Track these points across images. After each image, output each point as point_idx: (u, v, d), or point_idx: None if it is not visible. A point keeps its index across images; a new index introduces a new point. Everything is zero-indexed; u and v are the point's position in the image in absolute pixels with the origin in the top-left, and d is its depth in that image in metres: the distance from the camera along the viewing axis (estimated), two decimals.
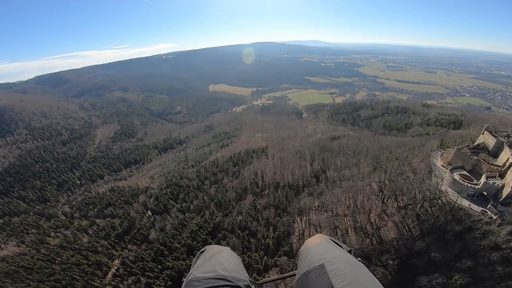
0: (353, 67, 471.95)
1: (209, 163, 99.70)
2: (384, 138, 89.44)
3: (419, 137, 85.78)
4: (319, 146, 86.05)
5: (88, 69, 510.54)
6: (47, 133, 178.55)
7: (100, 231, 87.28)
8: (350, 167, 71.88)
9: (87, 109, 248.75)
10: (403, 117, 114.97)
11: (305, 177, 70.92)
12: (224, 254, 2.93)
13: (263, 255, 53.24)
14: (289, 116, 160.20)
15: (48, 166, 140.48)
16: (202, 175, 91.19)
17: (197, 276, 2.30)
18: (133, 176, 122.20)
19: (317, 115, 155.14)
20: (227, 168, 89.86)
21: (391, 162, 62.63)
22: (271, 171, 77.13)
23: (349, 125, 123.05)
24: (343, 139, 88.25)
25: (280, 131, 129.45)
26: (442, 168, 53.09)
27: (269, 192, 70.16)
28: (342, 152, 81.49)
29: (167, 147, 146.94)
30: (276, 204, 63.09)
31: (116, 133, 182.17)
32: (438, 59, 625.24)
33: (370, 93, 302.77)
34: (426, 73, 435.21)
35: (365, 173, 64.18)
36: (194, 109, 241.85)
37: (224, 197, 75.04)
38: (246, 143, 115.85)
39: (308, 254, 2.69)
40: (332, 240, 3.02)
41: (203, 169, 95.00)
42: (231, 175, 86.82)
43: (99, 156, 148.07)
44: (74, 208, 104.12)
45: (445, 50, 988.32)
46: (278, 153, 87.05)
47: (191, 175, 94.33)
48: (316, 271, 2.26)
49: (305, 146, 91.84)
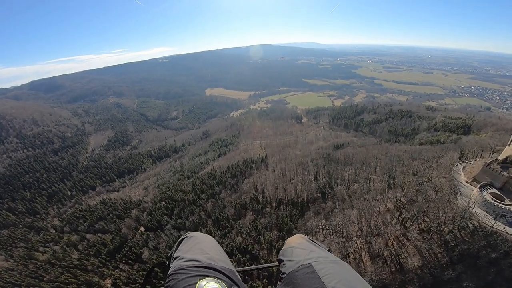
0: (350, 68, 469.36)
1: (206, 174, 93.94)
2: (393, 147, 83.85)
3: (431, 146, 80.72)
4: (322, 156, 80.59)
5: (82, 74, 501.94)
6: (38, 142, 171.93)
7: (91, 247, 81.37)
8: (359, 181, 66.47)
9: (80, 116, 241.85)
10: (408, 121, 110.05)
11: (309, 193, 65.17)
12: (207, 242, 2.83)
13: (266, 284, 47.62)
14: (288, 121, 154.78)
15: (39, 176, 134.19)
16: (198, 187, 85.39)
17: (182, 265, 2.24)
18: (126, 187, 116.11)
19: (317, 119, 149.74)
20: (224, 181, 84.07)
21: (407, 177, 57.13)
22: (273, 185, 71.35)
23: (352, 130, 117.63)
24: (349, 148, 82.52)
25: (280, 137, 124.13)
26: (466, 185, 47.84)
27: (271, 210, 64.34)
28: (348, 162, 76.22)
29: (162, 156, 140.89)
30: (279, 224, 57.34)
31: (109, 140, 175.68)
32: (433, 59, 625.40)
33: (369, 95, 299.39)
34: (422, 73, 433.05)
35: (378, 189, 58.71)
36: (191, 114, 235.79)
37: (222, 214, 69.22)
38: (244, 151, 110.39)
39: (293, 253, 2.71)
40: (312, 240, 3.05)
41: (199, 181, 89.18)
42: (229, 188, 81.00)
43: (91, 166, 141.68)
44: (64, 222, 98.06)
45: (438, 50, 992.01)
46: (279, 164, 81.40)
47: (187, 188, 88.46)
48: (304, 270, 2.29)
49: (308, 155, 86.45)
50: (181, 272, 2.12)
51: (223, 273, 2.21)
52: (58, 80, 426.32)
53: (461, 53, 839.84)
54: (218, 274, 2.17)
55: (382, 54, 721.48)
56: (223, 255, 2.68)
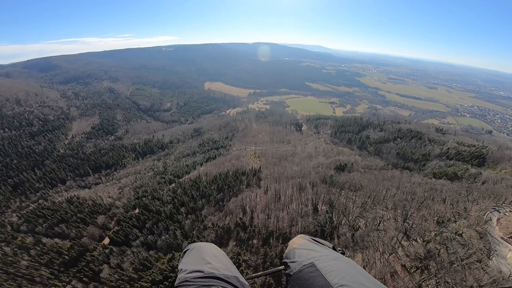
0: (355, 76, 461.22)
1: (190, 181, 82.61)
2: (405, 177, 73.62)
3: (449, 181, 70.97)
4: (324, 179, 70.14)
5: (81, 56, 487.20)
6: (17, 123, 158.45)
7: (44, 254, 69.56)
8: (366, 217, 56.32)
9: (69, 98, 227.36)
10: (418, 144, 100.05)
11: (307, 226, 54.35)
12: (209, 251, 2.83)
13: None
14: (287, 127, 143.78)
15: (8, 161, 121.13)
16: (179, 198, 74.19)
17: (186, 277, 2.25)
18: (100, 184, 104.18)
19: (318, 129, 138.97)
20: (209, 194, 72.93)
21: (427, 224, 47.12)
22: (264, 211, 60.66)
23: (356, 147, 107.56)
24: (355, 174, 71.44)
25: (277, 145, 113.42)
26: (502, 242, 38.04)
27: (259, 244, 53.60)
28: (353, 189, 66.04)
29: (147, 151, 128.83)
30: (266, 266, 46.74)
31: (93, 128, 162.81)
32: (438, 74, 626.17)
33: (371, 106, 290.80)
34: (427, 88, 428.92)
35: (388, 230, 48.66)
36: (185, 107, 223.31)
37: (201, 237, 58.43)
38: (236, 158, 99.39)
39: (295, 254, 2.69)
40: (313, 239, 3.02)
41: (180, 190, 77.91)
42: (213, 205, 69.99)
43: (67, 155, 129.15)
44: (22, 219, 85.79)
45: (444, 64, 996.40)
46: (274, 183, 70.65)
47: (166, 197, 77.13)
48: (307, 270, 2.27)
49: (306, 174, 75.79)
50: (185, 284, 2.14)
51: (226, 281, 2.23)
52: (54, 60, 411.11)
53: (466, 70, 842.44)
54: (221, 282, 2.19)
55: (388, 64, 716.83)
56: (226, 262, 2.67)
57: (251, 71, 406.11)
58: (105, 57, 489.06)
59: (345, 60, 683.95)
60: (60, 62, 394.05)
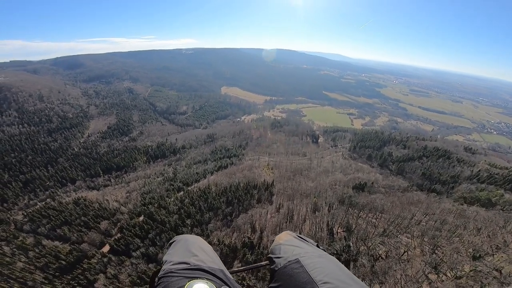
0: (375, 87, 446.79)
1: (198, 191, 78.93)
2: (434, 201, 66.65)
3: (483, 208, 63.44)
4: (341, 197, 64.36)
5: (107, 56, 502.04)
6: (37, 119, 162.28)
7: (42, 257, 67.41)
8: (387, 243, 50.10)
9: (90, 96, 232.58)
10: (446, 164, 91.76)
11: None
12: (196, 243, 2.80)
13: None
14: (302, 138, 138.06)
15: (23, 157, 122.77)
16: (185, 209, 70.49)
17: (171, 268, 2.18)
18: (109, 186, 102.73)
19: (335, 142, 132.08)
20: (217, 207, 68.76)
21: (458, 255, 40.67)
22: (274, 231, 55.52)
23: (377, 165, 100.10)
24: (377, 197, 65.14)
25: (291, 158, 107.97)
26: None
27: (266, 270, 49.02)
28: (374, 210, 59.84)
29: (159, 155, 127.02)
30: None
31: (109, 127, 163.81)
32: (463, 87, 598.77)
33: (392, 119, 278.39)
34: (451, 102, 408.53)
35: (416, 263, 42.39)
36: (200, 111, 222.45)
37: None
38: (248, 168, 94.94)
39: (281, 250, 2.72)
40: (299, 236, 3.06)
41: (188, 200, 74.26)
42: (221, 219, 65.71)
43: (81, 154, 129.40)
44: (27, 218, 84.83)
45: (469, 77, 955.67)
46: (287, 200, 65.63)
47: (172, 206, 73.68)
48: (292, 266, 2.30)
49: (322, 190, 70.24)
50: (170, 275, 2.09)
51: (212, 273, 2.19)
52: (81, 58, 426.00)
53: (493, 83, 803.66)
54: (207, 275, 2.15)
55: (410, 76, 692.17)
56: (212, 255, 2.65)
57: (268, 77, 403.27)
58: (129, 57, 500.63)
59: (364, 69, 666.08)
60: (87, 60, 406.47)
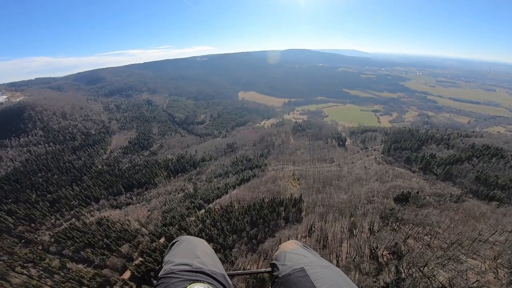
0: (398, 80, 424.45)
1: (220, 209, 73.38)
2: (502, 215, 55.59)
3: None
4: (382, 212, 55.56)
5: (125, 68, 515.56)
6: (62, 137, 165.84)
7: (66, 281, 65.36)
8: (449, 267, 41.00)
9: (111, 111, 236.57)
10: (501, 165, 79.03)
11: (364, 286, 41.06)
12: (199, 246, 2.82)
13: None
14: (327, 141, 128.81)
15: (49, 176, 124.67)
16: (207, 231, 64.93)
17: (173, 269, 2.19)
18: (131, 205, 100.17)
19: (365, 144, 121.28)
20: (241, 228, 62.57)
21: None
22: None
23: (417, 169, 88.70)
24: (430, 212, 55.41)
25: (318, 165, 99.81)
26: None
27: None
28: (424, 226, 50.52)
29: (179, 169, 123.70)
30: None
31: (130, 142, 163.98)
32: (494, 75, 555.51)
33: (422, 113, 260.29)
34: (483, 90, 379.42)
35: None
36: (219, 119, 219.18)
37: None
38: (272, 181, 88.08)
39: (286, 258, 2.75)
40: (305, 246, 3.12)
41: (209, 220, 68.74)
42: (245, 242, 59.44)
43: (104, 171, 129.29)
44: (53, 239, 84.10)
45: (499, 64, 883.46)
46: (317, 218, 57.83)
47: (193, 227, 68.52)
48: (297, 274, 2.33)
49: (358, 203, 61.69)
50: (171, 276, 2.08)
51: (214, 277, 2.18)
52: (101, 73, 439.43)
53: None
54: (208, 278, 2.14)
55: (434, 67, 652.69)
56: (215, 259, 2.65)
57: (285, 79, 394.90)
58: (145, 68, 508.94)
59: (384, 63, 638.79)
60: (106, 74, 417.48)
